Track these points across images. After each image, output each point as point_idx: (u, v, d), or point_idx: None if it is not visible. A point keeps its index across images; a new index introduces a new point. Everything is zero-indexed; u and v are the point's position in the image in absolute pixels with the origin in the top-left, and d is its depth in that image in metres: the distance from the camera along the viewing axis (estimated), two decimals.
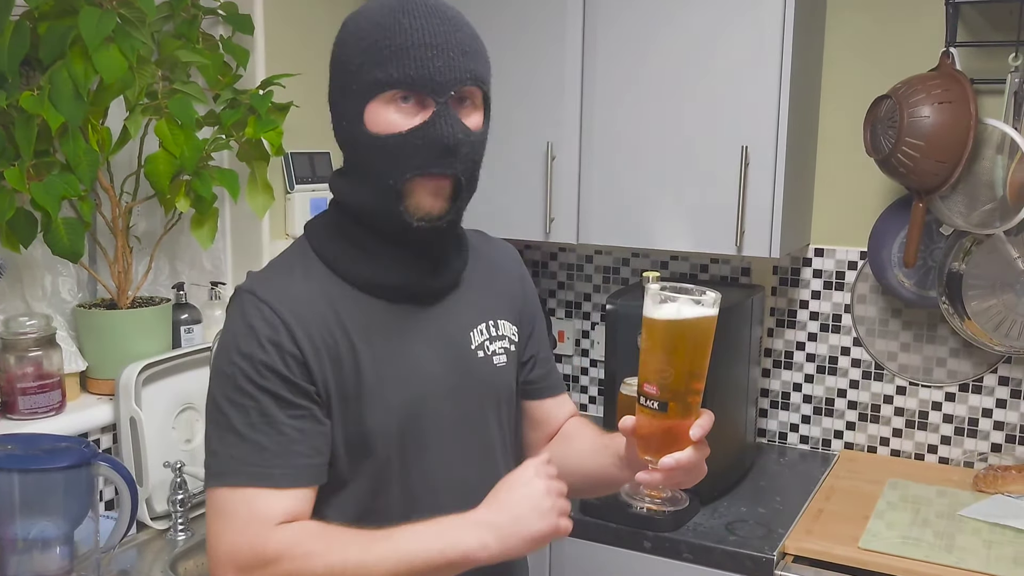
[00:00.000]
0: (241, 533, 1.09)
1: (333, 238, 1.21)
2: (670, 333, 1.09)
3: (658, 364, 1.09)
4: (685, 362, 1.09)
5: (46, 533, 1.52)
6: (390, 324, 1.19)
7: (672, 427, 1.11)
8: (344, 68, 1.15)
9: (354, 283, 1.19)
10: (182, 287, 2.06)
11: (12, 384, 1.73)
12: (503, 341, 1.30)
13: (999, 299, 2.12)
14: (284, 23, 2.21)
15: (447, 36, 1.12)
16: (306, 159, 2.28)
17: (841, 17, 2.31)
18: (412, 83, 1.10)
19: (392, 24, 1.11)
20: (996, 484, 2.12)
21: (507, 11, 2.27)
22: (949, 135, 1.98)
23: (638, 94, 2.18)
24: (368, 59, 1.11)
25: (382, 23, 1.11)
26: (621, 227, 2.24)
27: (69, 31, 1.63)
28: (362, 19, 1.14)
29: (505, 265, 1.39)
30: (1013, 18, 2.10)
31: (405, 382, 1.19)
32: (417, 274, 1.21)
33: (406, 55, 1.10)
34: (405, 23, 1.10)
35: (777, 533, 1.95)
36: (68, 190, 1.65)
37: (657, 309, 1.10)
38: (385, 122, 1.12)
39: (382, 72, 1.10)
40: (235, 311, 1.16)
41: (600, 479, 1.32)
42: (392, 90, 1.11)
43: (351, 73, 1.13)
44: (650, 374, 1.10)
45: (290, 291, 1.16)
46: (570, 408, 1.45)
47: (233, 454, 1.11)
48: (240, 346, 1.12)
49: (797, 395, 2.49)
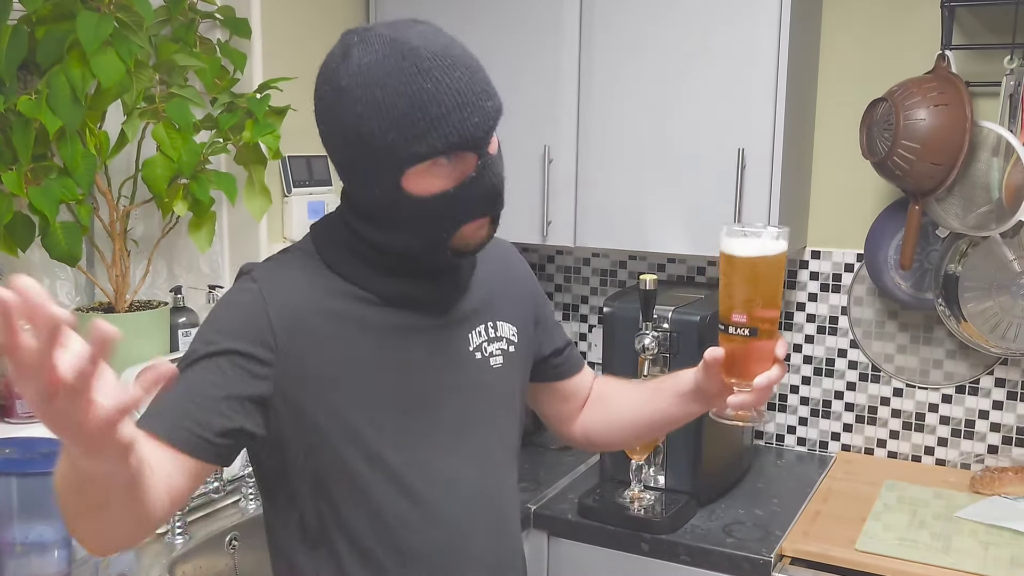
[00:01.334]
0: None
1: (347, 258, 1.20)
2: (756, 267, 1.19)
3: (746, 295, 1.19)
4: (768, 291, 1.19)
5: (44, 537, 1.52)
6: (388, 325, 1.19)
7: (760, 349, 1.20)
8: (371, 143, 1.08)
9: (363, 288, 1.19)
10: (180, 291, 2.06)
11: (10, 388, 1.73)
12: (501, 343, 1.30)
13: (995, 301, 2.12)
14: (281, 27, 2.22)
15: (472, 87, 1.08)
16: (303, 162, 2.28)
17: (837, 20, 2.32)
18: (456, 147, 1.08)
19: (418, 92, 1.05)
20: (993, 486, 2.12)
21: (503, 15, 2.27)
22: (945, 138, 1.99)
23: (635, 97, 2.18)
24: (401, 133, 1.06)
25: (404, 92, 1.05)
26: (618, 230, 2.24)
27: (67, 35, 1.63)
28: (375, 87, 1.06)
29: (507, 265, 1.40)
30: (1008, 21, 2.10)
31: (399, 381, 1.19)
32: (426, 285, 1.22)
33: (444, 123, 1.06)
34: (431, 88, 1.06)
35: (774, 535, 1.95)
36: (66, 194, 1.66)
37: (742, 246, 1.19)
38: (428, 185, 1.10)
39: (422, 145, 1.07)
40: (232, 288, 1.20)
41: (659, 422, 1.39)
42: (434, 158, 1.09)
43: (382, 147, 1.08)
44: (738, 304, 1.19)
45: (286, 281, 1.17)
46: (591, 375, 1.51)
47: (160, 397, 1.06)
48: (220, 315, 1.15)
49: (794, 397, 2.49)
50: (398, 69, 1.06)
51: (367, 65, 1.07)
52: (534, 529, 2.07)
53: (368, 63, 1.07)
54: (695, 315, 2.02)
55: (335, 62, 1.11)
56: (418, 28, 1.10)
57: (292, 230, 2.25)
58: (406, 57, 1.06)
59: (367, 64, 1.07)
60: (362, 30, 1.11)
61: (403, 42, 1.07)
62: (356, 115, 1.08)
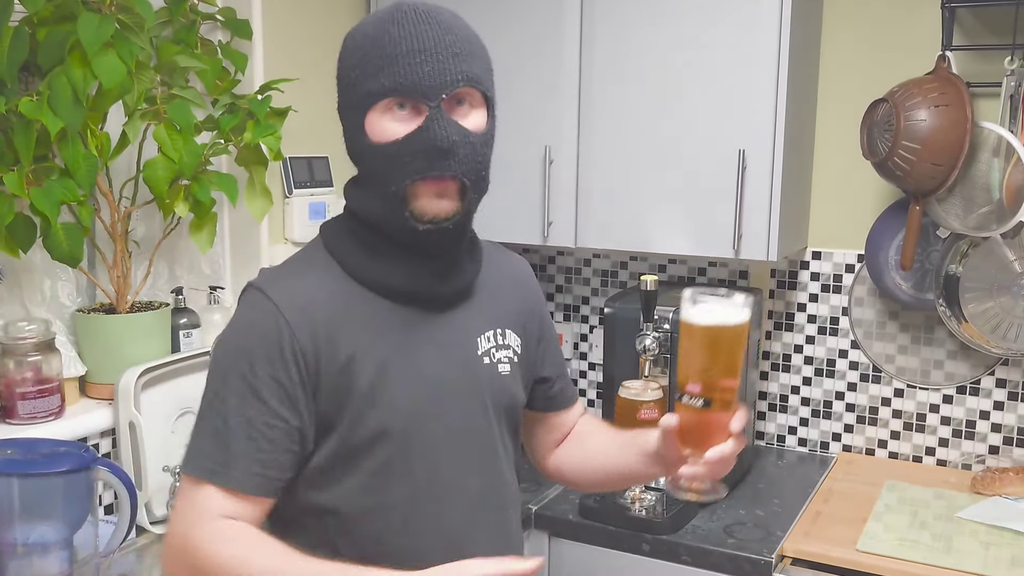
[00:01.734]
0: (183, 519, 1.12)
1: (346, 241, 1.22)
2: (713, 337, 1.16)
3: (702, 364, 1.16)
4: (726, 362, 1.16)
5: (45, 538, 1.52)
6: (399, 325, 1.20)
7: (715, 421, 1.18)
8: (343, 82, 1.17)
9: (365, 283, 1.20)
10: (181, 291, 2.06)
11: (11, 389, 1.73)
12: (507, 351, 1.31)
13: (996, 301, 2.12)
14: (282, 28, 2.22)
15: (436, 40, 1.13)
16: (304, 163, 2.28)
17: (837, 21, 2.32)
18: (403, 90, 1.12)
19: (381, 35, 1.13)
20: (994, 486, 2.12)
21: (504, 16, 2.28)
22: (945, 138, 1.99)
23: (635, 98, 2.18)
24: (361, 72, 1.14)
25: (372, 35, 1.14)
26: (619, 230, 2.25)
27: (68, 37, 1.63)
28: (357, 33, 1.17)
29: (518, 278, 1.40)
30: (1009, 21, 2.10)
31: (411, 383, 1.19)
32: (427, 278, 1.22)
33: (395, 63, 1.11)
34: (394, 32, 1.12)
35: (775, 535, 1.95)
36: (67, 195, 1.66)
37: (699, 315, 1.16)
38: (382, 131, 1.14)
39: (374, 83, 1.13)
40: (242, 306, 1.18)
41: (625, 474, 1.38)
42: (385, 99, 1.13)
43: (349, 87, 1.16)
44: (694, 374, 1.16)
45: (299, 292, 1.16)
46: (580, 411, 1.51)
47: (204, 446, 1.13)
48: (240, 341, 1.14)
49: (795, 398, 2.49)
50: (377, 17, 1.16)
51: (365, 19, 1.18)
52: (535, 530, 2.08)
53: (367, 18, 1.18)
54: None
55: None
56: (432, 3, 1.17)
57: (293, 231, 2.25)
58: (396, 10, 1.15)
59: (366, 18, 1.18)
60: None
61: (406, 3, 1.16)
62: (340, 59, 1.18)
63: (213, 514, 1.11)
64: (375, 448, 1.17)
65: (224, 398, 1.12)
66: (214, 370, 1.15)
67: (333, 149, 2.38)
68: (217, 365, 1.15)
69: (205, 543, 1.09)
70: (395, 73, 1.11)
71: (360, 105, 1.15)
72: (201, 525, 1.11)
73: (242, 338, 1.14)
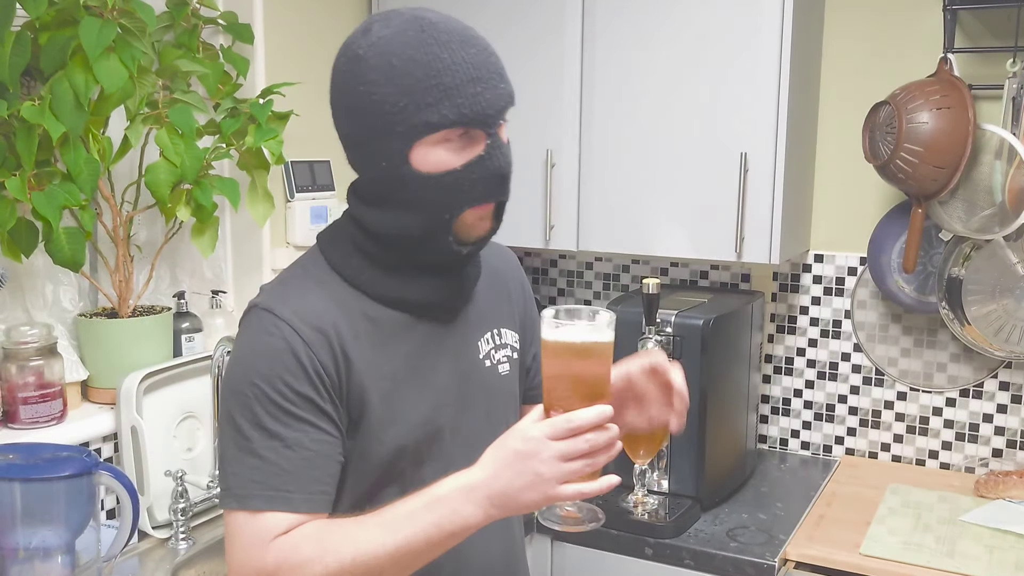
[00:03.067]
0: (247, 552, 1.09)
1: (353, 255, 1.18)
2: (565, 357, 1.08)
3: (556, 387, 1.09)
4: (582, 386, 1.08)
5: (47, 542, 1.52)
6: (408, 338, 1.19)
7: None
8: (381, 109, 1.08)
9: (380, 300, 1.17)
10: (183, 296, 2.06)
11: (13, 393, 1.73)
12: (506, 349, 1.31)
13: (999, 304, 2.12)
14: (284, 32, 2.22)
15: (486, 64, 1.10)
16: (306, 167, 2.29)
17: (839, 24, 2.32)
18: (467, 121, 1.08)
19: (432, 61, 1.07)
20: (997, 489, 2.12)
21: (505, 19, 2.28)
22: (947, 141, 1.99)
23: (637, 101, 2.18)
24: (413, 100, 1.07)
25: (420, 60, 1.07)
26: (621, 234, 2.24)
27: (70, 41, 1.63)
28: (392, 56, 1.08)
29: (507, 271, 1.39)
30: (1011, 24, 2.10)
31: (423, 394, 1.19)
32: (444, 291, 1.21)
33: (457, 93, 1.07)
34: (446, 58, 1.07)
35: (778, 539, 1.95)
36: (69, 200, 1.66)
37: (551, 332, 1.09)
38: (436, 161, 1.10)
39: (434, 114, 1.07)
40: (252, 329, 1.13)
41: None
42: (446, 130, 1.08)
43: (392, 114, 1.08)
44: (550, 398, 1.09)
45: (308, 307, 1.13)
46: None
47: (254, 478, 1.09)
48: (260, 366, 1.10)
49: (798, 401, 2.49)
50: (416, 40, 1.08)
51: (386, 37, 1.09)
52: (538, 534, 2.07)
53: (387, 35, 1.09)
54: (698, 319, 2.01)
55: (354, 37, 1.12)
56: (437, 12, 1.13)
57: (295, 235, 2.25)
58: (424, 30, 1.08)
59: (386, 36, 1.09)
60: (384, 11, 1.13)
61: (423, 18, 1.10)
62: (370, 82, 1.08)
63: (277, 533, 1.09)
64: (392, 461, 1.17)
65: (260, 425, 1.09)
66: (238, 399, 1.10)
67: (335, 153, 2.37)
68: (239, 394, 1.10)
69: (290, 555, 1.07)
70: (459, 104, 1.07)
71: (408, 135, 1.08)
72: (273, 547, 1.08)
73: (263, 362, 1.10)
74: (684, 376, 1.22)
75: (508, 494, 1.05)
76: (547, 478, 1.04)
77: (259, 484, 1.09)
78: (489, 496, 1.05)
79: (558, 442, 1.04)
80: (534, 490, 1.04)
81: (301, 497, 1.10)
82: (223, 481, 1.12)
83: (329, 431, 1.12)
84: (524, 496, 1.05)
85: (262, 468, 1.09)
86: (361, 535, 1.07)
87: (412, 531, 1.05)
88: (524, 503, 1.05)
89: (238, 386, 1.11)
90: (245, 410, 1.10)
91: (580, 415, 1.04)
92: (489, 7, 2.29)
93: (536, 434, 1.04)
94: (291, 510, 1.09)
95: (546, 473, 1.03)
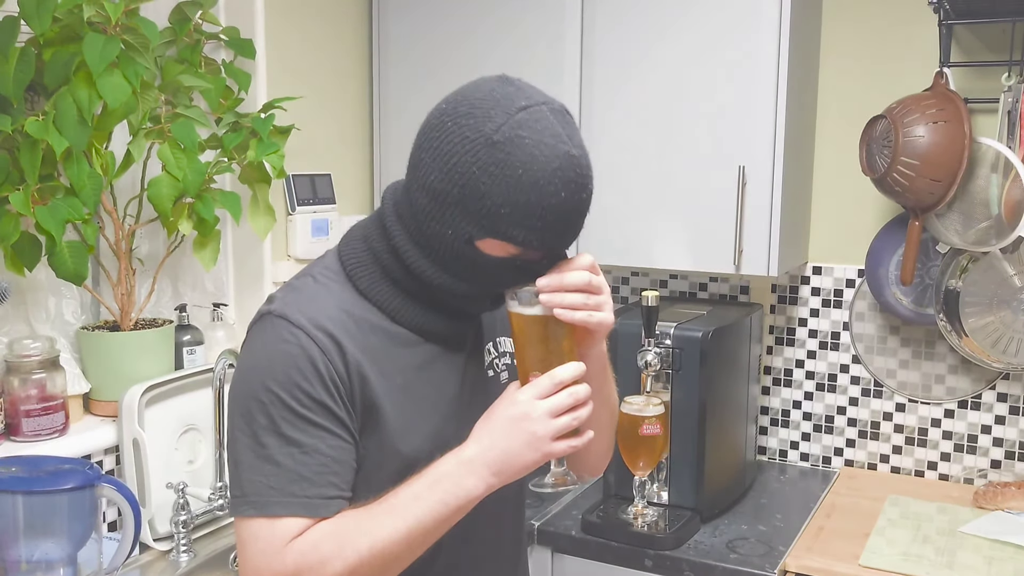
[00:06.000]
0: (262, 557, 1.09)
1: (378, 279, 1.19)
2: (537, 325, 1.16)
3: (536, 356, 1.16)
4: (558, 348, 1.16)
5: (50, 555, 1.53)
6: (419, 350, 1.20)
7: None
8: (481, 199, 1.07)
9: (393, 317, 1.19)
10: (185, 309, 2.07)
11: (16, 406, 1.74)
12: (505, 357, 1.33)
13: (996, 316, 2.13)
14: (286, 47, 2.24)
15: (580, 207, 1.11)
16: (307, 181, 2.30)
17: (836, 38, 2.34)
18: (539, 247, 1.11)
19: (553, 195, 1.06)
20: (996, 500, 2.12)
21: (504, 29, 2.29)
22: (944, 154, 2.00)
23: (635, 115, 2.20)
24: (513, 213, 1.07)
25: (545, 190, 1.06)
26: (620, 246, 2.25)
27: (73, 57, 1.65)
28: (521, 169, 1.06)
29: None
30: (1006, 38, 2.12)
31: (434, 405, 1.20)
32: (459, 321, 1.23)
33: (551, 229, 1.09)
34: (564, 198, 1.07)
35: (778, 550, 1.95)
36: (72, 214, 1.67)
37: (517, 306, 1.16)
38: (499, 251, 1.12)
39: (521, 234, 1.08)
40: (266, 336, 1.13)
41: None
42: (521, 247, 1.10)
43: (487, 209, 1.07)
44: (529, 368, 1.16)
45: (322, 315, 1.14)
46: None
47: (272, 484, 1.09)
48: (276, 373, 1.10)
49: (797, 413, 2.50)
50: (551, 167, 1.06)
51: (528, 142, 1.06)
52: (538, 545, 2.07)
53: (529, 141, 1.06)
54: (697, 331, 2.02)
55: (494, 110, 1.08)
56: (577, 130, 1.13)
57: (296, 248, 2.26)
58: (564, 162, 1.07)
59: (529, 141, 1.06)
60: (533, 103, 1.10)
61: (567, 141, 1.08)
62: (488, 173, 1.06)
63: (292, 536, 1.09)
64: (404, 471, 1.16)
65: (277, 432, 1.09)
66: (252, 406, 1.11)
67: (336, 167, 2.39)
68: (254, 400, 1.10)
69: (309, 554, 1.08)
70: (545, 239, 1.09)
71: (489, 230, 1.09)
72: (290, 549, 1.08)
73: (279, 368, 1.10)
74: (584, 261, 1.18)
75: (506, 459, 1.10)
76: (541, 435, 1.10)
77: (277, 491, 1.09)
78: (487, 464, 1.10)
79: (545, 400, 1.10)
80: (531, 448, 1.10)
81: (320, 502, 1.10)
82: (238, 488, 1.12)
83: (345, 437, 1.13)
84: (523, 457, 1.10)
85: (279, 474, 1.09)
86: (373, 525, 1.09)
87: (420, 512, 1.09)
88: (523, 464, 1.11)
89: (254, 392, 1.11)
90: (261, 416, 1.10)
91: (560, 371, 1.12)
92: (489, 17, 2.31)
93: (524, 397, 1.11)
94: (311, 515, 1.10)
95: (540, 431, 1.10)
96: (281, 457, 1.09)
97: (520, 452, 1.10)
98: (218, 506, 1.93)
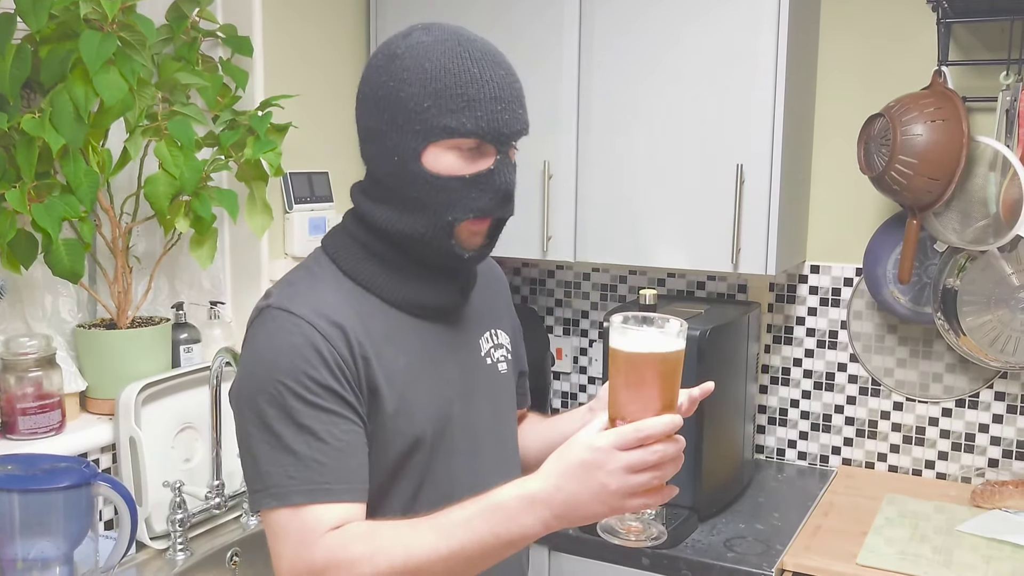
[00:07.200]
0: (294, 549, 1.08)
1: (362, 258, 1.21)
2: (641, 366, 1.05)
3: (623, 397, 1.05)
4: (656, 395, 1.04)
5: (46, 553, 1.52)
6: (417, 335, 1.22)
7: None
8: (405, 106, 1.13)
9: (384, 298, 1.20)
10: (181, 307, 2.07)
11: (12, 404, 1.73)
12: (502, 349, 1.35)
13: (994, 315, 2.13)
14: (283, 45, 2.23)
15: (510, 88, 1.15)
16: (304, 179, 2.29)
17: (834, 37, 2.34)
18: (482, 134, 1.13)
19: (463, 72, 1.12)
20: (994, 499, 2.12)
21: (503, 30, 2.29)
22: (942, 153, 2.00)
23: (634, 113, 2.20)
24: (436, 103, 1.12)
25: (452, 70, 1.12)
26: (618, 245, 2.25)
27: (70, 54, 1.64)
28: (426, 60, 1.13)
29: (496, 280, 1.44)
30: (1004, 37, 2.12)
31: (434, 387, 1.21)
32: (454, 295, 1.25)
33: (479, 107, 1.12)
34: (476, 73, 1.13)
35: (775, 549, 1.95)
36: (68, 211, 1.66)
37: (623, 339, 1.05)
38: (447, 165, 1.14)
39: (453, 120, 1.12)
40: (268, 329, 1.14)
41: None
42: (461, 138, 1.13)
43: (415, 112, 1.13)
44: (616, 408, 1.06)
45: (322, 304, 1.15)
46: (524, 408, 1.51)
47: (291, 473, 1.09)
48: (283, 364, 1.11)
49: (794, 411, 2.50)
50: (451, 51, 1.14)
51: (424, 43, 1.15)
52: (535, 544, 2.07)
53: (426, 41, 1.15)
54: (695, 330, 2.02)
55: (395, 38, 1.18)
56: (475, 33, 1.19)
57: (293, 246, 2.26)
58: (461, 43, 1.15)
59: (425, 42, 1.15)
60: (428, 22, 1.20)
61: (461, 33, 1.17)
62: (401, 79, 1.14)
63: (325, 528, 1.08)
64: (407, 454, 1.18)
65: (290, 422, 1.10)
66: (262, 399, 1.11)
67: (333, 165, 2.39)
68: (263, 393, 1.11)
69: (339, 552, 1.06)
70: (478, 117, 1.12)
71: (425, 134, 1.13)
72: (323, 543, 1.07)
73: (286, 359, 1.11)
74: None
75: (572, 505, 1.02)
76: (613, 490, 1.01)
77: (296, 479, 1.09)
78: (551, 507, 1.03)
79: (626, 452, 1.01)
80: (599, 502, 1.02)
81: (341, 487, 1.10)
82: (258, 482, 1.11)
83: (355, 421, 1.13)
84: (588, 508, 1.02)
85: (297, 463, 1.09)
86: (413, 538, 1.06)
87: (467, 537, 1.04)
88: (587, 515, 1.04)
89: (262, 386, 1.11)
90: (272, 408, 1.10)
91: (649, 424, 1.01)
92: (487, 17, 2.30)
93: (603, 444, 1.01)
94: (334, 500, 1.09)
95: (612, 485, 1.01)
96: (297, 445, 1.09)
97: (587, 503, 1.02)
98: (214, 505, 1.93)
